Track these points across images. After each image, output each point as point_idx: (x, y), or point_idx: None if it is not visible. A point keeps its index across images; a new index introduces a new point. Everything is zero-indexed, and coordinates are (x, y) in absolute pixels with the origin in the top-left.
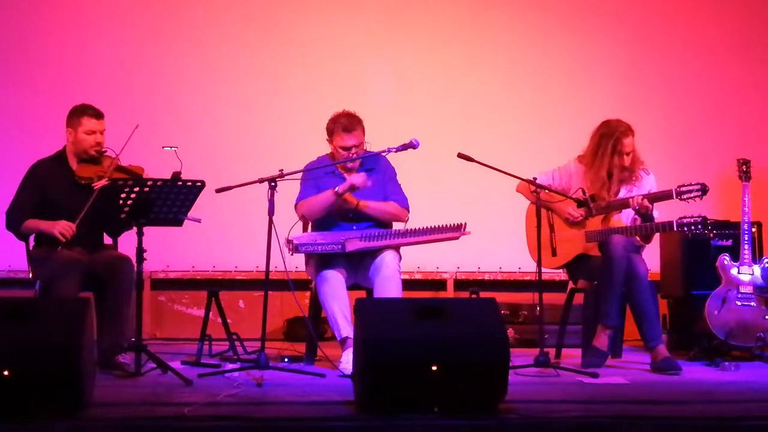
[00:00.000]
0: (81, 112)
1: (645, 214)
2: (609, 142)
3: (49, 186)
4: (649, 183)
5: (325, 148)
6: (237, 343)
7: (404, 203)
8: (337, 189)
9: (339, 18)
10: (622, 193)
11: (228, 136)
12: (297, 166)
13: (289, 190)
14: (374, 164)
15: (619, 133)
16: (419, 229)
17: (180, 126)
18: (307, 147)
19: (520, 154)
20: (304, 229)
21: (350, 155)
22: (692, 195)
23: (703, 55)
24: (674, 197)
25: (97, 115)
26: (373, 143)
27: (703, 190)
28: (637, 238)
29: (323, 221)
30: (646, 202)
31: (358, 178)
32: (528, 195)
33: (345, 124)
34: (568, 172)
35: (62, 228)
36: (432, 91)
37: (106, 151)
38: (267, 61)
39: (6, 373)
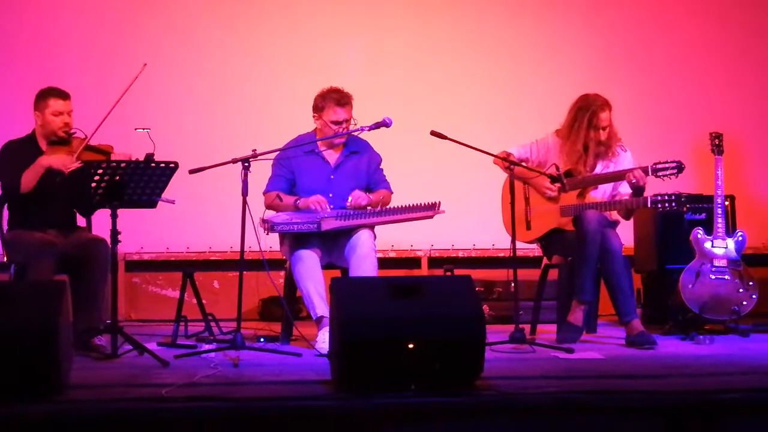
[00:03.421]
0: (47, 94)
1: (639, 188)
2: (585, 116)
3: (22, 164)
4: (626, 159)
5: (298, 127)
6: (212, 324)
7: (390, 189)
8: (298, 204)
9: None
10: (598, 169)
11: (201, 116)
12: (270, 146)
13: (262, 170)
14: (358, 147)
15: (596, 107)
16: (394, 208)
17: (152, 107)
18: (280, 126)
19: (494, 130)
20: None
21: (340, 129)
22: (668, 173)
23: (675, 29)
24: (650, 174)
25: (63, 96)
26: (355, 124)
27: (679, 168)
28: (614, 214)
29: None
30: (642, 175)
31: (318, 204)
32: (504, 169)
33: (338, 98)
34: (545, 146)
35: (64, 160)
36: (404, 68)
37: (75, 132)
38: (240, 41)
39: None
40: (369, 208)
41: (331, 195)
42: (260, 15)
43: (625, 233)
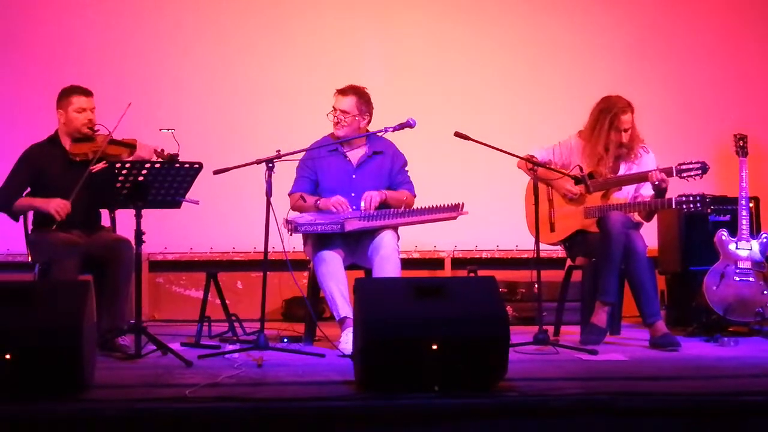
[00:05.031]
0: (70, 92)
1: (662, 189)
2: (607, 118)
3: (44, 167)
4: (648, 161)
5: (322, 128)
6: (236, 324)
7: (413, 191)
8: (319, 204)
9: None
10: (621, 171)
11: (225, 117)
12: (294, 147)
13: (286, 171)
14: (382, 147)
15: (618, 109)
16: (417, 209)
17: (177, 108)
18: (304, 127)
19: (518, 131)
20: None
21: (335, 115)
22: (692, 173)
23: (701, 29)
24: (674, 175)
25: (86, 93)
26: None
27: (704, 168)
28: (636, 216)
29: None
30: (665, 176)
31: (339, 205)
32: (528, 171)
33: (341, 88)
34: (568, 147)
35: (57, 205)
36: (429, 69)
37: (98, 129)
38: (264, 41)
39: (8, 356)
40: (392, 209)
41: (353, 194)
42: (283, 16)
43: (649, 235)
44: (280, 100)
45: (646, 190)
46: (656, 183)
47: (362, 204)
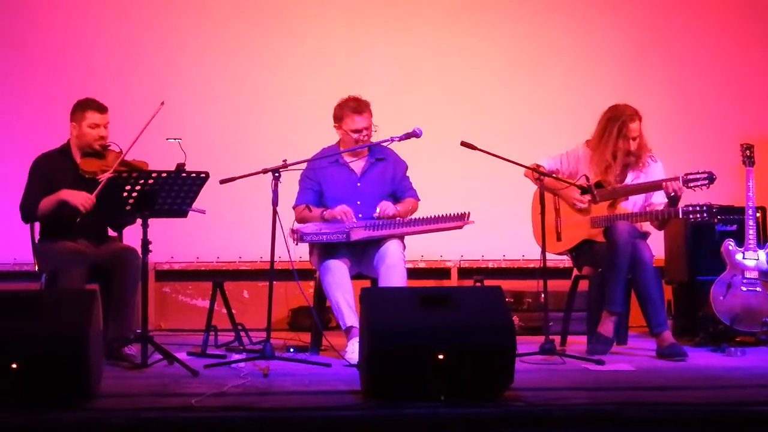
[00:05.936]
0: (85, 105)
1: (677, 198)
2: (615, 126)
3: (54, 178)
4: (656, 170)
5: (328, 137)
6: (242, 334)
7: (417, 195)
8: (324, 215)
9: (340, 6)
10: (628, 180)
11: (231, 127)
12: (300, 156)
13: (292, 181)
14: (383, 154)
15: (626, 117)
16: (423, 218)
17: (184, 117)
18: (310, 136)
19: (525, 141)
20: None
21: (361, 137)
22: (699, 184)
23: (707, 39)
24: (681, 185)
25: (101, 109)
26: (376, 132)
27: (710, 179)
28: (643, 225)
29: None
30: (680, 185)
31: (344, 214)
32: (534, 180)
33: (354, 106)
34: (575, 157)
35: (84, 199)
36: (435, 78)
37: (109, 145)
38: (269, 51)
39: (14, 365)
40: (398, 218)
41: (359, 203)
42: (288, 23)
43: (656, 244)
44: (286, 108)
45: (657, 199)
46: (671, 194)
47: (377, 210)
